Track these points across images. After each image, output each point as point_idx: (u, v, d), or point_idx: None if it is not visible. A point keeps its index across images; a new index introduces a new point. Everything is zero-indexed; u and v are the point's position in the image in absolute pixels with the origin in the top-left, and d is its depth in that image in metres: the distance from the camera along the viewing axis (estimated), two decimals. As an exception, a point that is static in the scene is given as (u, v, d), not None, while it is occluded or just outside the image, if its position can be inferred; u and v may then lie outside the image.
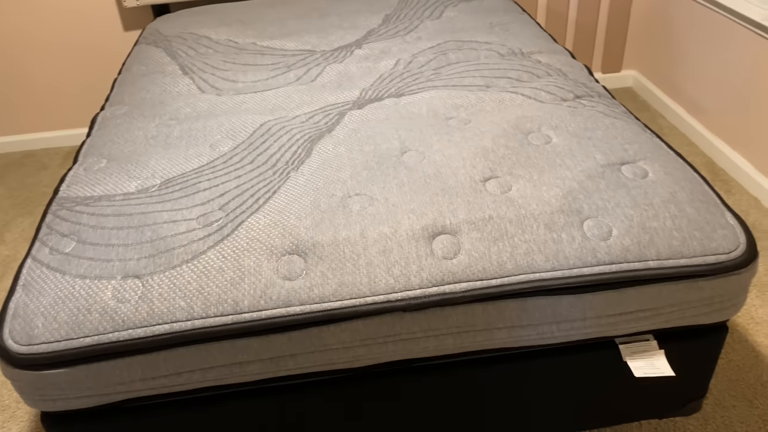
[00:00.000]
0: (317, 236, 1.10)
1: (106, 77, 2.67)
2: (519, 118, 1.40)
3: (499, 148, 1.29)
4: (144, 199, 1.22)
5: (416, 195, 1.17)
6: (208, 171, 1.29)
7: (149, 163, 1.34)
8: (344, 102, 1.56)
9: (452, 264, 1.06)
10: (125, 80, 1.78)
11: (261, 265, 1.06)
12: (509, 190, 1.18)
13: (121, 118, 1.55)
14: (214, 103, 1.58)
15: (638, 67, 2.90)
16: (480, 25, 1.96)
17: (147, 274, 1.06)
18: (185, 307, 1.02)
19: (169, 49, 1.92)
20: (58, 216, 1.22)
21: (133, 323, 1.01)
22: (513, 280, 1.06)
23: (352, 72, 1.72)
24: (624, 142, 1.30)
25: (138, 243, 1.11)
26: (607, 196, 1.16)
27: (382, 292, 1.04)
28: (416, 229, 1.10)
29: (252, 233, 1.11)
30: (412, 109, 1.50)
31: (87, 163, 1.39)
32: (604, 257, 1.08)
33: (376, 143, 1.35)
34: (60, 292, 1.05)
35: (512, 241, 1.09)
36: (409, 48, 1.83)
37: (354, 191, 1.20)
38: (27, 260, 1.13)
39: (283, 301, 1.03)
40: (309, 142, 1.37)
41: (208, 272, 1.05)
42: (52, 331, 1.01)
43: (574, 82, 1.57)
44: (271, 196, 1.20)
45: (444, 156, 1.28)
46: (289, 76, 1.72)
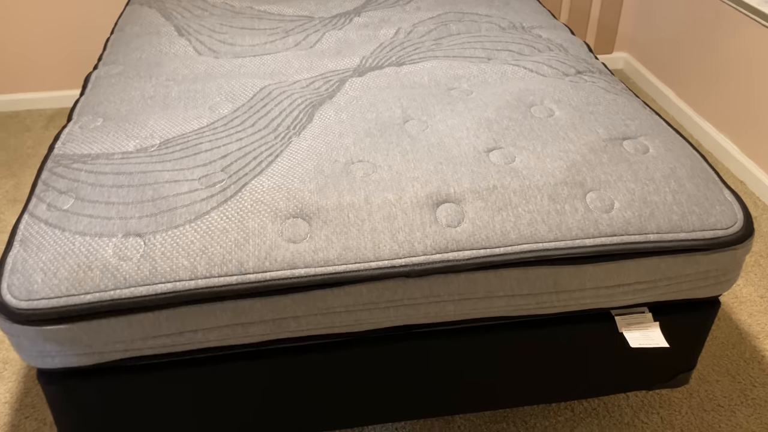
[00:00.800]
0: (321, 200, 1.09)
1: (92, 38, 2.60)
2: (521, 90, 1.40)
3: (502, 120, 1.29)
4: (144, 158, 1.20)
5: (420, 163, 1.17)
6: (209, 132, 1.27)
7: (147, 122, 1.31)
8: (344, 69, 1.55)
9: (456, 232, 1.07)
10: (119, 40, 1.74)
11: (265, 227, 1.06)
12: (513, 161, 1.19)
13: (116, 78, 1.52)
14: (212, 66, 1.55)
15: (630, 49, 2.92)
16: (480, -2, 1.95)
17: (149, 232, 1.05)
18: (188, 267, 1.01)
19: (163, 10, 1.88)
20: (54, 173, 1.19)
21: (135, 281, 1.00)
22: (516, 249, 1.07)
23: (351, 39, 1.71)
24: (625, 118, 1.31)
25: (139, 202, 1.10)
26: (610, 169, 1.17)
27: (386, 258, 1.04)
28: (420, 196, 1.10)
29: (256, 195, 1.10)
30: (413, 78, 1.49)
31: (82, 122, 1.36)
32: (605, 229, 1.09)
33: (378, 111, 1.34)
34: (59, 248, 1.03)
35: (516, 211, 1.10)
36: (409, 17, 1.82)
37: (357, 158, 1.20)
38: (24, 216, 1.11)
39: (287, 263, 1.03)
40: (310, 108, 1.36)
41: (211, 233, 1.05)
42: (51, 286, 0.99)
43: (575, 58, 1.57)
44: (273, 159, 1.19)
45: (447, 126, 1.28)
46: (287, 41, 1.69)
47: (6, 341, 1.63)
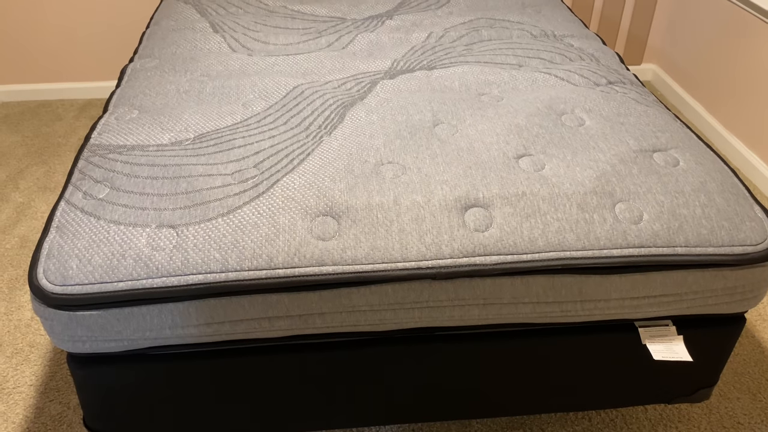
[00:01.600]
0: (351, 200, 1.11)
1: (126, 31, 2.65)
2: (552, 98, 1.40)
3: (532, 127, 1.30)
4: (178, 151, 1.23)
5: (449, 167, 1.18)
6: (242, 129, 1.29)
7: (182, 116, 1.34)
8: (376, 71, 1.56)
9: (484, 236, 1.08)
10: (155, 34, 1.77)
11: (295, 224, 1.07)
12: (542, 168, 1.19)
13: (151, 71, 1.55)
14: (245, 63, 1.57)
15: (659, 61, 2.90)
16: (512, 5, 1.95)
17: (182, 224, 1.07)
18: (220, 259, 1.03)
19: (198, 6, 1.91)
20: (90, 162, 1.22)
21: (167, 271, 1.02)
22: (543, 257, 1.07)
23: (383, 42, 1.72)
24: (656, 130, 1.31)
25: (173, 194, 1.12)
26: (639, 181, 1.17)
27: (413, 259, 1.05)
28: (449, 199, 1.11)
29: (287, 192, 1.12)
30: (444, 82, 1.50)
31: (118, 113, 1.39)
32: (633, 240, 1.09)
33: (408, 113, 1.35)
34: (95, 235, 1.06)
35: (544, 218, 1.10)
36: (441, 22, 1.83)
37: (387, 159, 1.21)
38: (60, 203, 1.14)
39: (316, 260, 1.04)
40: (342, 108, 1.38)
41: (243, 227, 1.06)
42: (86, 273, 1.02)
43: (607, 68, 1.57)
44: (305, 158, 1.21)
45: (477, 131, 1.29)
46: (320, 41, 1.71)
47: (33, 325, 1.67)
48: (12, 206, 2.10)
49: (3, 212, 2.07)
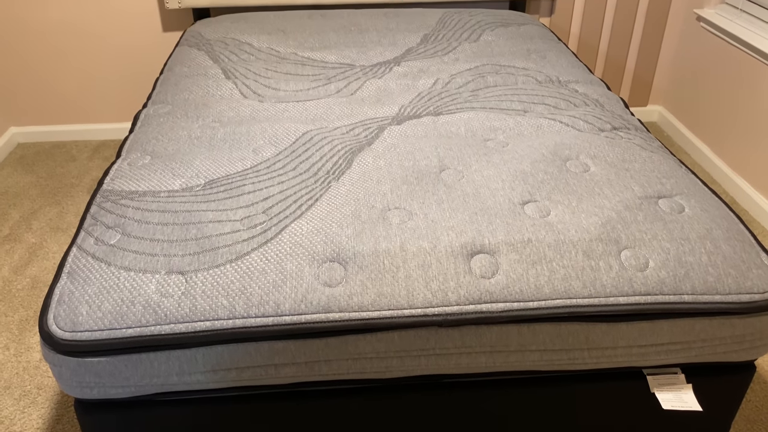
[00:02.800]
0: (358, 246, 1.12)
1: (140, 75, 2.71)
2: (557, 144, 1.42)
3: (537, 173, 1.31)
4: (189, 197, 1.25)
5: (455, 213, 1.19)
6: (252, 174, 1.32)
7: (193, 162, 1.36)
8: (383, 117, 1.59)
9: (490, 283, 1.08)
10: (168, 80, 1.82)
11: (303, 270, 1.08)
12: (548, 214, 1.20)
13: (164, 117, 1.59)
14: (256, 109, 1.61)
15: (664, 102, 2.93)
16: (517, 51, 1.99)
17: (191, 270, 1.08)
18: (227, 306, 1.04)
19: (211, 53, 1.96)
20: (102, 208, 1.25)
21: (175, 318, 1.03)
22: (550, 304, 1.07)
23: (391, 88, 1.75)
24: (661, 176, 1.32)
25: (183, 240, 1.14)
26: (645, 227, 1.17)
27: (419, 306, 1.06)
28: (455, 246, 1.12)
29: (295, 238, 1.13)
30: (450, 128, 1.53)
31: (131, 159, 1.42)
32: (640, 288, 1.09)
33: (415, 159, 1.37)
34: (105, 282, 1.07)
35: (550, 265, 1.10)
36: (448, 68, 1.87)
37: (394, 204, 1.22)
38: (72, 249, 1.16)
39: (323, 307, 1.05)
40: (350, 154, 1.40)
41: (251, 273, 1.07)
42: (96, 319, 1.03)
43: (611, 114, 1.59)
44: (313, 203, 1.23)
45: (483, 176, 1.31)
46: (329, 87, 1.75)
47: (42, 367, 1.68)
48: (24, 247, 2.13)
49: (15, 253, 2.10)
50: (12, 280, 1.98)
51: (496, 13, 2.32)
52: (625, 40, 2.77)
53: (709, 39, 2.53)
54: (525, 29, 2.19)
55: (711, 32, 2.51)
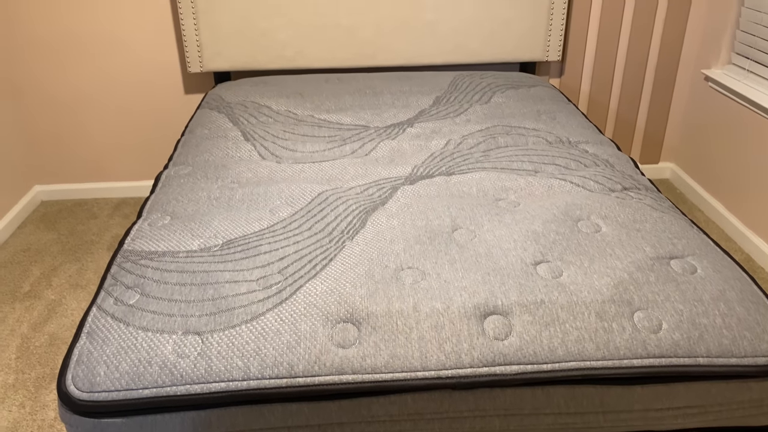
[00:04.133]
0: (371, 306, 1.13)
1: (161, 135, 2.80)
2: (568, 204, 1.44)
3: (549, 233, 1.33)
4: (207, 257, 1.28)
5: (468, 273, 1.21)
6: (268, 235, 1.35)
7: (212, 223, 1.40)
8: (397, 177, 1.63)
9: (503, 345, 1.08)
10: (189, 142, 1.88)
11: (317, 331, 1.10)
12: (560, 275, 1.21)
13: (184, 178, 1.64)
14: (274, 170, 1.66)
15: (676, 159, 2.95)
16: (528, 112, 2.04)
17: (207, 331, 1.10)
18: (242, 367, 1.05)
19: (231, 116, 2.03)
20: (123, 268, 1.28)
21: (191, 379, 1.04)
22: (563, 366, 1.07)
23: (404, 149, 1.80)
24: (672, 237, 1.33)
25: (200, 300, 1.16)
26: (657, 289, 1.18)
27: (433, 368, 1.06)
28: (468, 307, 1.13)
29: (309, 299, 1.15)
30: (462, 188, 1.56)
31: (151, 219, 1.46)
32: (654, 350, 1.09)
33: (428, 219, 1.40)
34: (123, 342, 1.09)
35: (563, 327, 1.11)
36: (459, 129, 1.91)
37: (407, 264, 1.24)
38: (92, 309, 1.18)
39: (336, 369, 1.06)
40: (364, 213, 1.43)
41: (266, 334, 1.09)
42: (113, 380, 1.04)
43: (621, 174, 1.62)
44: (327, 263, 1.25)
45: (495, 236, 1.32)
46: (344, 149, 1.80)
47: (56, 426, 1.68)
48: (44, 303, 2.16)
49: (35, 309, 2.13)
50: (30, 337, 2.00)
51: (507, 76, 2.38)
52: (635, 98, 2.82)
53: (717, 98, 2.57)
54: (535, 91, 2.25)
55: (719, 92, 2.55)
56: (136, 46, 2.62)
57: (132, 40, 2.60)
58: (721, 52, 2.55)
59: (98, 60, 2.63)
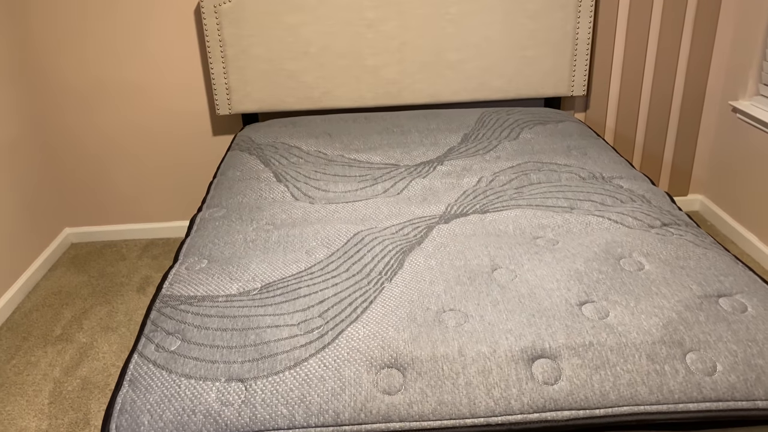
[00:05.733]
0: (416, 351, 1.11)
1: (189, 176, 2.84)
2: (609, 242, 1.42)
3: (592, 272, 1.30)
4: (246, 301, 1.27)
5: (512, 314, 1.19)
6: (306, 277, 1.34)
7: (249, 266, 1.40)
8: (431, 216, 1.62)
9: (553, 390, 1.05)
10: (221, 184, 1.89)
11: (361, 377, 1.08)
12: (606, 316, 1.18)
13: (219, 221, 1.64)
14: (308, 211, 1.66)
15: (705, 191, 2.92)
16: (558, 148, 2.03)
17: (251, 378, 1.08)
18: (287, 415, 1.03)
19: (262, 157, 2.05)
20: (162, 313, 1.27)
21: (235, 427, 1.02)
22: (617, 411, 1.04)
23: (436, 187, 1.80)
24: (718, 274, 1.30)
25: (242, 346, 1.15)
26: (708, 329, 1.15)
27: (482, 415, 1.03)
28: (515, 350, 1.11)
29: (352, 343, 1.13)
30: (498, 226, 1.55)
31: (188, 263, 1.46)
32: (710, 393, 1.05)
33: (466, 258, 1.38)
34: (166, 390, 1.08)
35: (614, 370, 1.08)
36: (490, 166, 1.91)
37: (448, 306, 1.22)
38: (134, 356, 1.18)
39: (382, 416, 1.03)
40: (401, 254, 1.42)
41: (310, 380, 1.07)
42: (157, 429, 1.03)
43: (659, 210, 1.59)
44: (368, 306, 1.24)
45: (536, 276, 1.30)
46: (376, 188, 1.80)
47: (89, 472, 1.66)
48: (75, 347, 2.16)
49: (67, 353, 2.13)
50: (63, 381, 2.00)
51: (533, 111, 2.39)
52: (662, 131, 2.80)
53: (746, 129, 2.55)
54: (563, 126, 2.25)
55: (748, 123, 2.53)
56: (164, 90, 2.67)
57: (160, 84, 2.66)
58: (748, 84, 2.54)
59: (127, 105, 2.69)
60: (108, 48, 2.58)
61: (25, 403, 1.91)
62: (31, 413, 1.87)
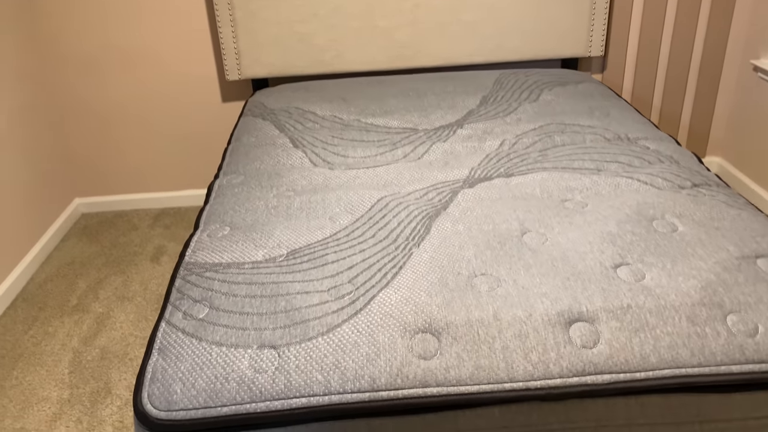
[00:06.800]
0: (450, 315, 1.09)
1: (199, 144, 2.79)
2: (640, 204, 1.39)
3: (625, 234, 1.28)
4: (273, 268, 1.24)
5: (546, 278, 1.16)
6: (332, 243, 1.31)
7: (273, 233, 1.37)
8: (454, 180, 1.58)
9: (592, 354, 1.03)
10: (237, 150, 1.86)
11: (395, 342, 1.06)
12: (643, 278, 1.16)
13: (238, 187, 1.61)
14: (328, 177, 1.62)
15: (723, 153, 2.87)
16: (580, 109, 1.99)
17: (283, 344, 1.06)
18: (322, 381, 1.02)
19: (276, 123, 2.00)
20: (188, 281, 1.25)
21: (270, 395, 1.01)
22: (657, 374, 1.02)
23: (458, 151, 1.76)
24: (755, 234, 1.27)
25: (272, 313, 1.12)
26: (748, 290, 1.12)
27: (520, 379, 1.02)
28: (551, 314, 1.09)
29: (384, 308, 1.11)
30: (525, 189, 1.51)
31: (210, 230, 1.43)
32: (752, 355, 1.03)
33: (494, 223, 1.35)
34: (197, 358, 1.06)
35: (654, 332, 1.06)
36: (512, 129, 1.87)
37: (480, 270, 1.20)
38: (161, 324, 1.16)
39: (419, 381, 1.01)
40: (427, 219, 1.39)
41: (343, 346, 1.05)
42: (190, 397, 1.01)
43: (689, 170, 1.56)
44: (397, 271, 1.21)
45: (568, 239, 1.27)
46: (396, 153, 1.76)
47: (114, 441, 1.66)
48: (92, 317, 2.15)
49: (84, 323, 2.12)
50: (82, 351, 1.99)
51: (552, 72, 2.33)
52: (679, 92, 2.75)
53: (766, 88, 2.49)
54: (583, 87, 2.20)
55: (771, 82, 2.47)
56: (172, 57, 2.61)
57: (168, 50, 2.59)
58: (771, 42, 2.47)
59: (134, 72, 2.63)
60: (114, 13, 2.51)
61: (45, 373, 1.90)
62: (51, 383, 1.86)
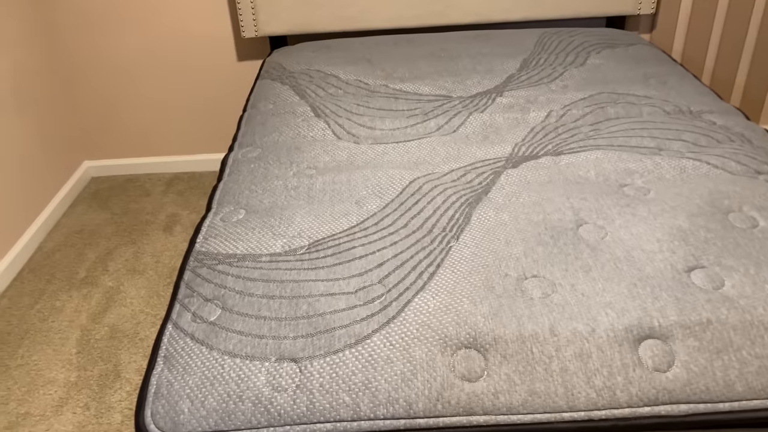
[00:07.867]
0: (498, 328, 0.94)
1: (214, 107, 2.62)
2: (712, 192, 1.21)
3: (698, 230, 1.10)
4: (293, 263, 1.10)
5: (609, 284, 1.00)
6: (360, 234, 1.16)
7: (294, 219, 1.22)
8: (496, 158, 1.41)
9: (666, 379, 0.88)
10: (253, 119, 1.69)
11: (434, 359, 0.91)
12: (722, 285, 0.99)
13: (255, 163, 1.45)
14: (353, 153, 1.46)
15: (778, 122, 2.65)
16: (633, 76, 1.78)
17: (305, 357, 0.92)
18: (350, 404, 0.88)
19: (296, 87, 1.83)
20: (198, 275, 1.11)
21: (290, 418, 0.88)
22: (744, 406, 0.87)
23: (498, 123, 1.58)
24: None
25: (293, 318, 0.98)
26: None
27: (582, 408, 0.87)
28: (618, 329, 0.93)
29: (421, 317, 0.96)
30: (577, 171, 1.34)
31: (223, 213, 1.28)
32: None
33: (545, 212, 1.19)
34: (208, 371, 0.92)
35: (739, 354, 0.90)
36: (558, 98, 1.67)
37: (530, 272, 1.04)
38: (167, 326, 1.02)
39: (463, 408, 0.87)
40: (466, 206, 1.23)
41: (374, 362, 0.91)
42: (199, 418, 0.88)
43: (765, 151, 1.37)
44: (435, 270, 1.06)
45: (632, 234, 1.11)
46: (428, 125, 1.58)
47: (124, 430, 1.56)
48: (101, 291, 2.04)
49: (93, 298, 2.01)
50: (90, 329, 1.88)
51: (599, 33, 2.11)
52: (735, 55, 2.50)
53: (838, 53, 2.25)
54: (634, 50, 1.98)
55: (842, 45, 2.23)
56: (185, 13, 2.42)
57: (182, 6, 2.40)
58: None
59: (146, 29, 2.45)
60: (119, -38, 2.32)
61: (52, 352, 1.80)
62: (58, 364, 1.76)
